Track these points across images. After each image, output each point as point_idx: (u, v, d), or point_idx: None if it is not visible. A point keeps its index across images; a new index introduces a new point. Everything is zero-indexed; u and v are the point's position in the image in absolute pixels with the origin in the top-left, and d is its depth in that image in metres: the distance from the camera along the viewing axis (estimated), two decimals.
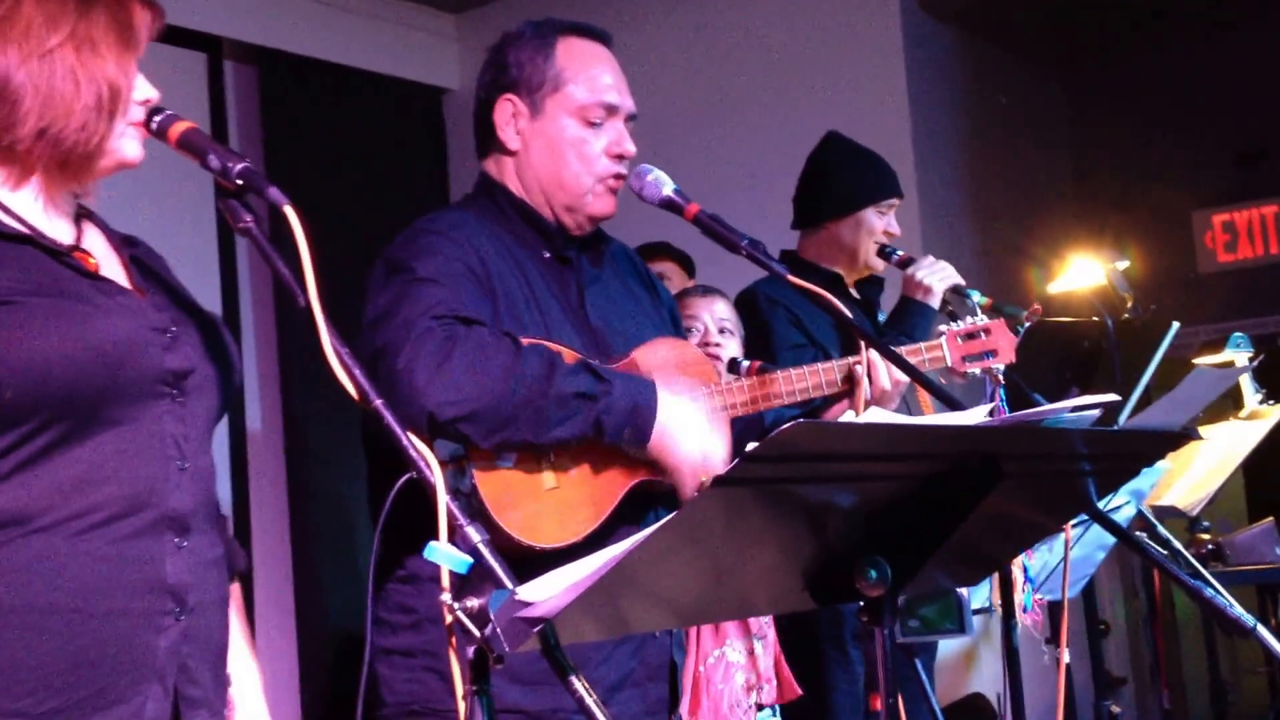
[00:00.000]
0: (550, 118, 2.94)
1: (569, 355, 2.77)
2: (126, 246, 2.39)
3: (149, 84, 2.29)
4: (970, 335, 3.18)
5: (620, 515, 2.77)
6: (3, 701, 2.03)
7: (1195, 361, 4.98)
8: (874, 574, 2.02)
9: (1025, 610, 3.44)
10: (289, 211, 2.08)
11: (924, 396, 3.85)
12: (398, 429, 2.00)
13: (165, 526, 2.16)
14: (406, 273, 2.76)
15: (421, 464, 1.97)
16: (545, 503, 2.69)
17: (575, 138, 2.94)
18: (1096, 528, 3.60)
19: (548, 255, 2.96)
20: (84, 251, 2.27)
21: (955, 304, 3.84)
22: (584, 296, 2.97)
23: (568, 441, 2.71)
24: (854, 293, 4.29)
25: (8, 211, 2.21)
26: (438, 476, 1.95)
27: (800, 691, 3.69)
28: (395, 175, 6.75)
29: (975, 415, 2.06)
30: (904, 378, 3.02)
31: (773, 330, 4.02)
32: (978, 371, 3.17)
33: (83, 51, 2.21)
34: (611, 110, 2.95)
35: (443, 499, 1.93)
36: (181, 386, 2.21)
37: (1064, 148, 7.36)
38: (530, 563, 2.58)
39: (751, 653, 3.58)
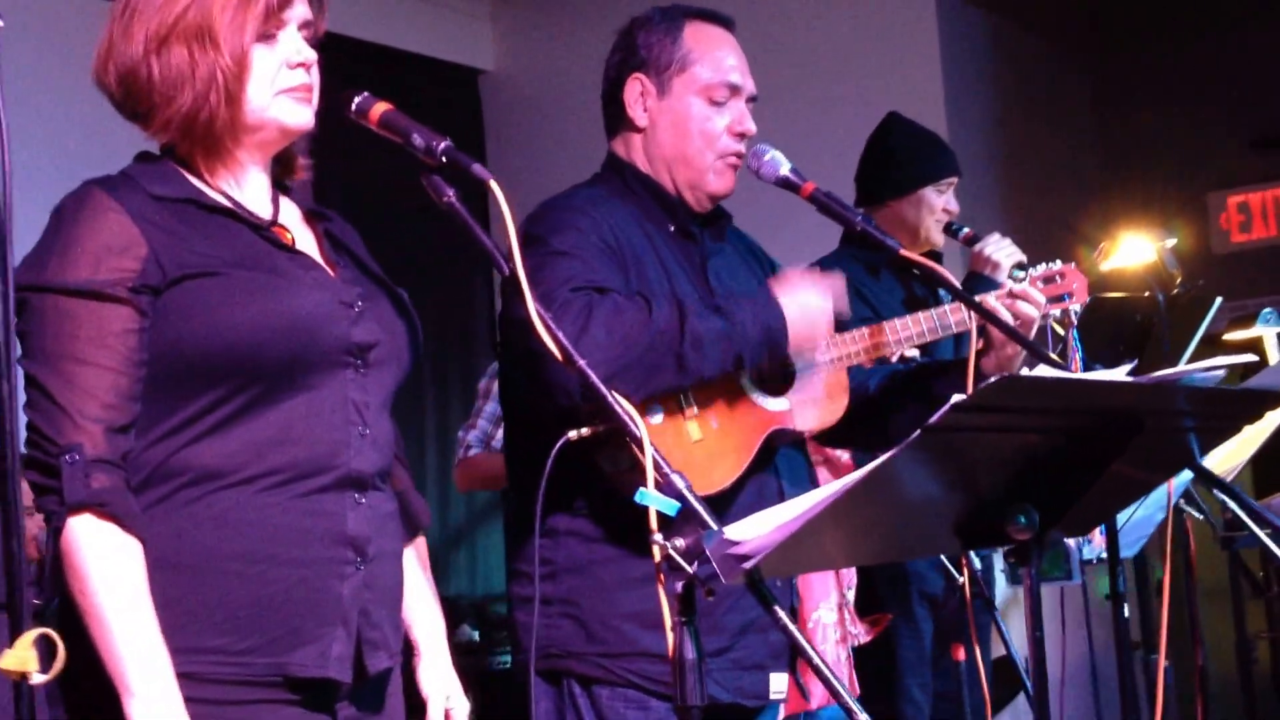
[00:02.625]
0: (677, 96, 3.12)
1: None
2: (319, 220, 2.52)
3: (303, 47, 2.38)
4: (1048, 279, 3.35)
5: (755, 462, 2.99)
6: (205, 639, 2.19)
7: (1225, 337, 5.20)
8: (1023, 520, 2.18)
9: (1102, 532, 3.62)
10: (494, 186, 2.26)
11: None
12: (602, 388, 2.19)
13: (347, 485, 2.30)
14: (542, 247, 2.93)
15: (627, 419, 2.16)
16: (692, 454, 2.87)
17: (700, 115, 3.11)
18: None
19: (672, 229, 3.13)
20: (281, 226, 2.40)
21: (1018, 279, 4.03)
22: (707, 267, 3.15)
23: (711, 378, 2.90)
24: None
25: (212, 186, 2.36)
26: (643, 430, 2.14)
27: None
28: None
29: (1118, 374, 2.26)
30: None
31: None
32: (1057, 313, 3.35)
33: (195, 34, 2.29)
34: (734, 90, 3.13)
35: (649, 449, 2.12)
36: (365, 358, 2.35)
37: (1087, 131, 7.55)
38: None
39: (841, 606, 3.79)
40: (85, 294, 2.20)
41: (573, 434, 2.77)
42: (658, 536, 2.03)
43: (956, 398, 1.89)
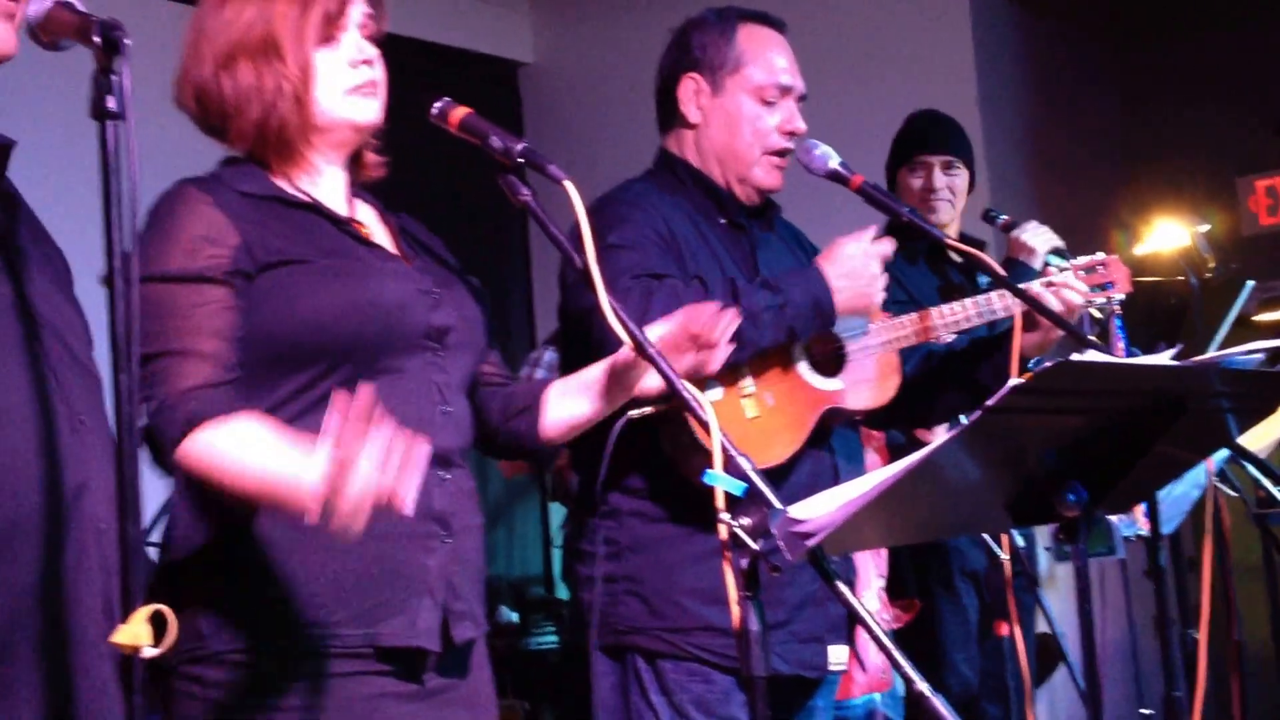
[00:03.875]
0: (730, 95, 3.24)
1: None
2: (394, 218, 2.65)
3: (364, 45, 2.49)
4: (1090, 269, 3.46)
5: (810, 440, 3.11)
6: (300, 613, 2.30)
7: (1255, 319, 5.30)
8: (1072, 497, 2.29)
9: (1145, 514, 3.73)
10: (569, 185, 2.37)
11: None
12: (671, 373, 2.30)
13: (432, 462, 2.37)
14: (600, 241, 3.04)
15: (694, 403, 2.27)
16: (749, 431, 3.00)
17: (751, 114, 3.23)
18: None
19: (723, 221, 3.26)
20: (359, 222, 2.54)
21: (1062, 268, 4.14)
22: (756, 256, 3.26)
23: (766, 351, 3.04)
24: (954, 257, 4.60)
25: (294, 185, 2.49)
26: (710, 414, 2.24)
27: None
28: (471, 147, 6.88)
29: (1162, 358, 2.37)
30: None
31: None
32: (1102, 300, 3.45)
33: (260, 48, 2.42)
34: (785, 91, 3.26)
35: (717, 434, 2.22)
36: (443, 341, 2.47)
37: (1115, 120, 7.63)
38: None
39: (879, 593, 3.89)
40: (184, 279, 2.32)
41: (634, 413, 2.90)
42: (724, 515, 2.12)
43: (1014, 381, 2.00)
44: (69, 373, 2.06)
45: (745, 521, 2.13)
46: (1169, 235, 4.78)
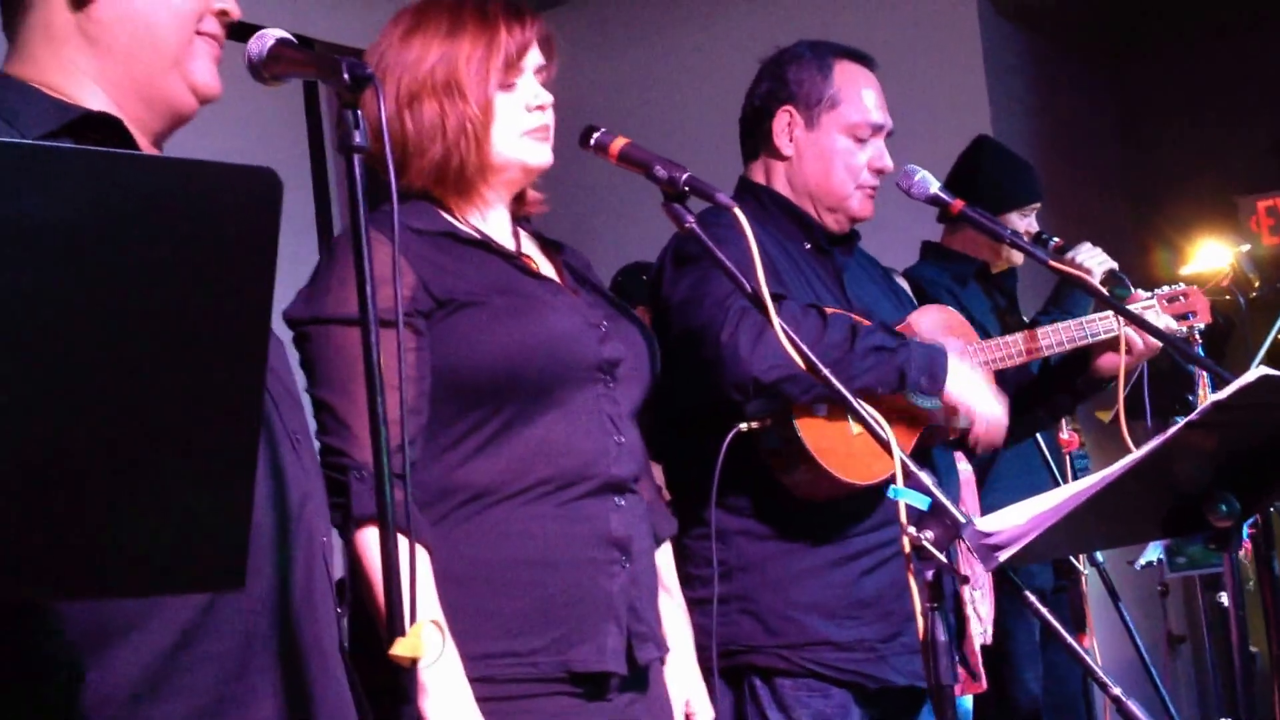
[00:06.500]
0: (824, 131, 3.30)
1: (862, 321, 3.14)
2: (556, 252, 2.71)
3: (540, 91, 2.57)
4: (1173, 299, 3.56)
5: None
6: (496, 644, 2.36)
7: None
8: (1224, 508, 2.36)
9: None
10: (738, 212, 2.46)
11: None
12: (846, 392, 2.35)
13: (608, 490, 2.48)
14: (705, 260, 3.10)
15: (872, 423, 2.32)
16: (854, 446, 3.04)
17: (845, 150, 3.30)
18: None
19: (808, 247, 3.32)
20: (526, 255, 2.60)
21: (1111, 285, 4.24)
22: (843, 280, 3.33)
23: (872, 389, 3.04)
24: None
25: (465, 222, 2.55)
26: (889, 433, 2.30)
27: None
28: None
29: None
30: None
31: None
32: (1184, 330, 3.55)
33: (444, 89, 2.49)
34: (877, 129, 3.33)
35: (898, 452, 2.28)
36: (614, 373, 2.53)
37: (1117, 142, 7.76)
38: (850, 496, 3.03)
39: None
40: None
41: (743, 425, 2.96)
42: (910, 529, 2.16)
43: (1215, 396, 2.07)
44: (281, 395, 2.09)
45: (929, 534, 2.16)
46: (1212, 255, 4.90)
